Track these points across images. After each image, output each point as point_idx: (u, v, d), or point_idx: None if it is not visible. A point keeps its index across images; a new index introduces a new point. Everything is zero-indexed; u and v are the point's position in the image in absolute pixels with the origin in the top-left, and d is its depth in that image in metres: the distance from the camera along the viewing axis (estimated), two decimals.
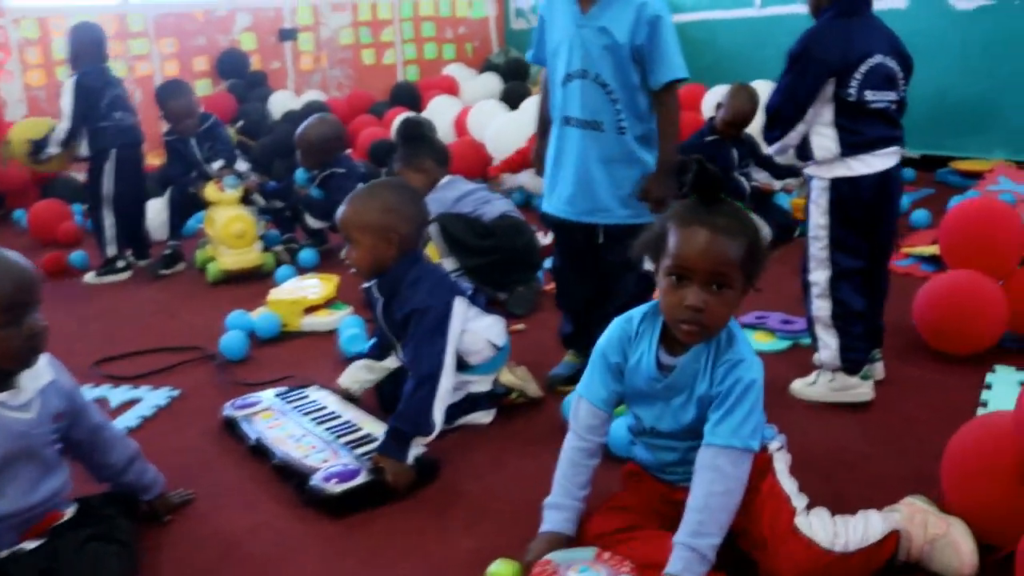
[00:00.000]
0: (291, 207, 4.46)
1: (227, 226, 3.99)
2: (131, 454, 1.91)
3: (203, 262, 4.23)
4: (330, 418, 2.35)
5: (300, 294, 3.33)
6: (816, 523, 1.61)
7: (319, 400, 2.47)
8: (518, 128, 4.91)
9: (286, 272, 3.91)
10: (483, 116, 5.50)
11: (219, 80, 7.33)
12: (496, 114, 5.44)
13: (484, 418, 2.40)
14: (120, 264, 4.25)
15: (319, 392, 2.53)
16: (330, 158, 4.28)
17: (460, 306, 2.27)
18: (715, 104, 4.34)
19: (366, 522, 1.94)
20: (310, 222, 4.36)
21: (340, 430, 2.27)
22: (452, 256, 3.33)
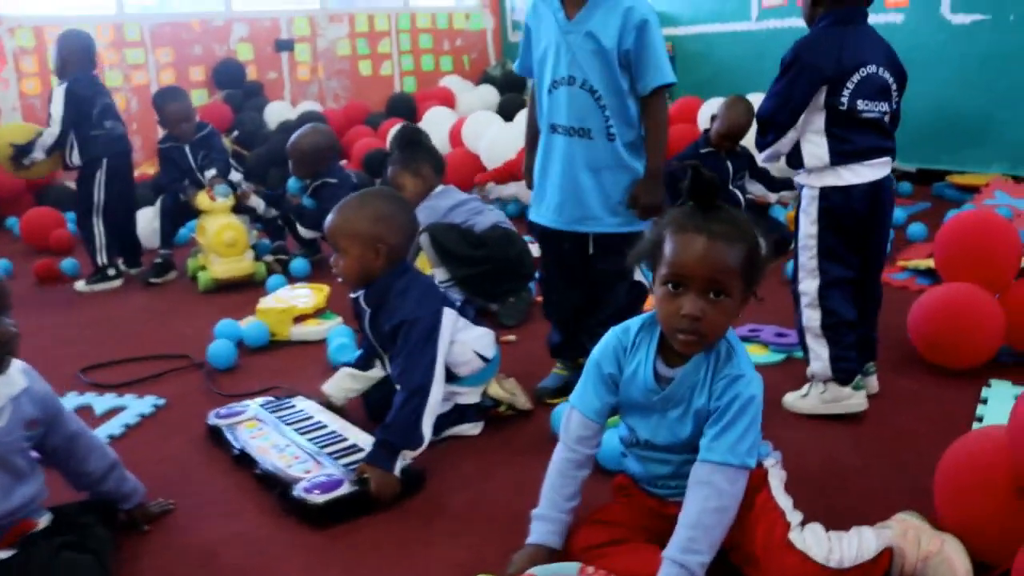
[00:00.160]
0: (283, 216, 4.44)
1: (218, 235, 3.97)
2: (110, 462, 1.87)
3: (194, 271, 4.21)
4: (315, 428, 2.31)
5: (289, 303, 3.30)
6: (810, 538, 1.57)
7: (305, 410, 2.44)
8: (513, 139, 4.88)
9: (277, 281, 3.88)
10: (478, 127, 5.48)
11: (215, 90, 7.32)
12: (491, 125, 5.42)
13: (472, 430, 2.37)
14: (111, 272, 4.22)
15: (305, 402, 2.49)
16: (323, 168, 4.25)
17: (449, 317, 2.24)
18: (710, 116, 4.33)
19: (350, 532, 1.91)
20: (302, 232, 4.34)
21: (325, 440, 2.23)
22: (443, 266, 3.31)
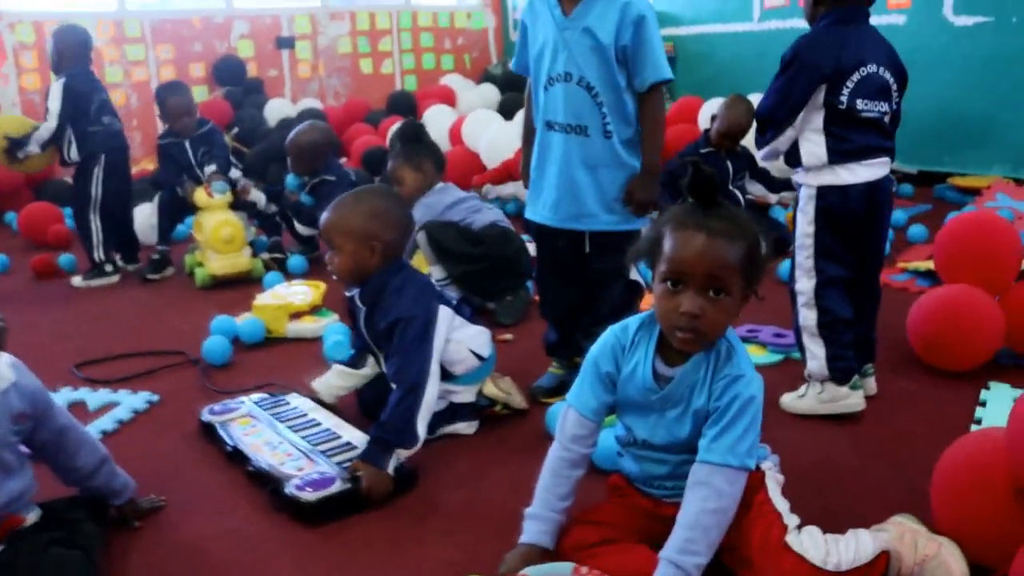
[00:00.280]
0: (281, 212, 4.43)
1: (215, 231, 3.95)
2: (99, 458, 1.85)
3: (191, 267, 4.19)
4: (309, 425, 2.30)
5: (286, 300, 3.29)
6: (807, 541, 1.55)
7: (299, 407, 2.42)
8: (512, 138, 4.86)
9: (274, 278, 3.87)
10: (478, 126, 5.46)
11: (215, 87, 7.31)
12: (491, 124, 5.41)
13: (466, 429, 2.35)
14: (108, 268, 4.21)
15: (299, 399, 2.48)
16: (321, 165, 4.24)
17: (445, 314, 2.22)
18: (710, 116, 4.31)
19: (341, 530, 1.89)
20: (299, 229, 4.33)
21: (318, 438, 2.22)
22: (440, 264, 3.29)
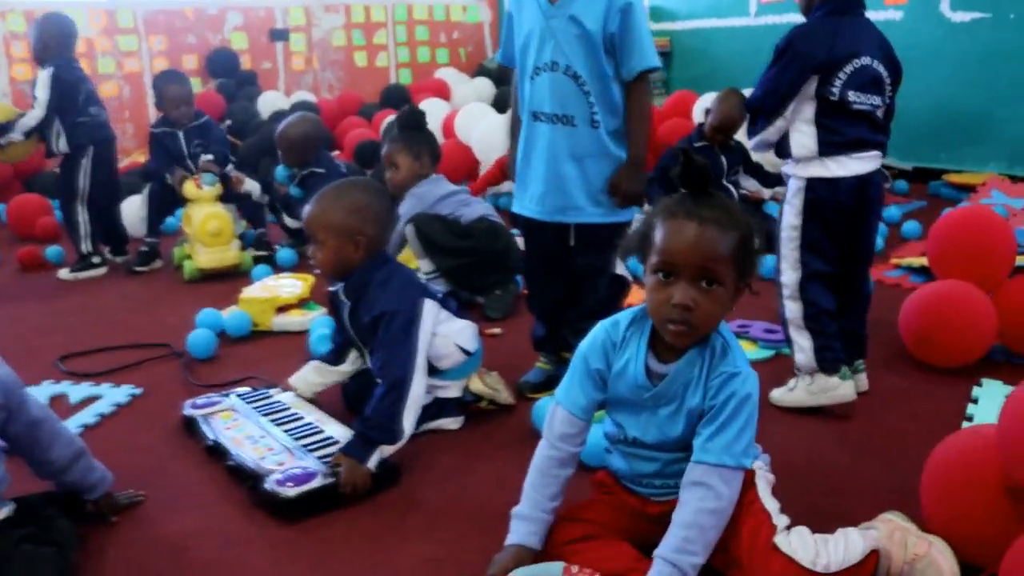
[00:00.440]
0: (271, 204, 4.40)
1: (203, 224, 3.91)
2: (75, 451, 1.81)
3: (180, 260, 4.15)
4: (291, 419, 2.26)
5: (273, 293, 3.25)
6: (796, 542, 1.52)
7: (282, 401, 2.39)
8: (505, 131, 4.83)
9: (263, 271, 3.84)
10: (471, 119, 5.42)
11: (208, 79, 7.26)
12: (484, 117, 5.37)
13: (452, 424, 2.32)
14: (95, 260, 4.17)
15: (283, 393, 2.44)
16: (311, 157, 4.20)
17: (430, 308, 2.19)
18: (704, 109, 4.28)
19: (321, 526, 1.86)
20: (287, 222, 4.30)
21: (300, 432, 2.18)
22: (428, 258, 3.26)
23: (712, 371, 1.55)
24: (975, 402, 2.39)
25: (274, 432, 2.18)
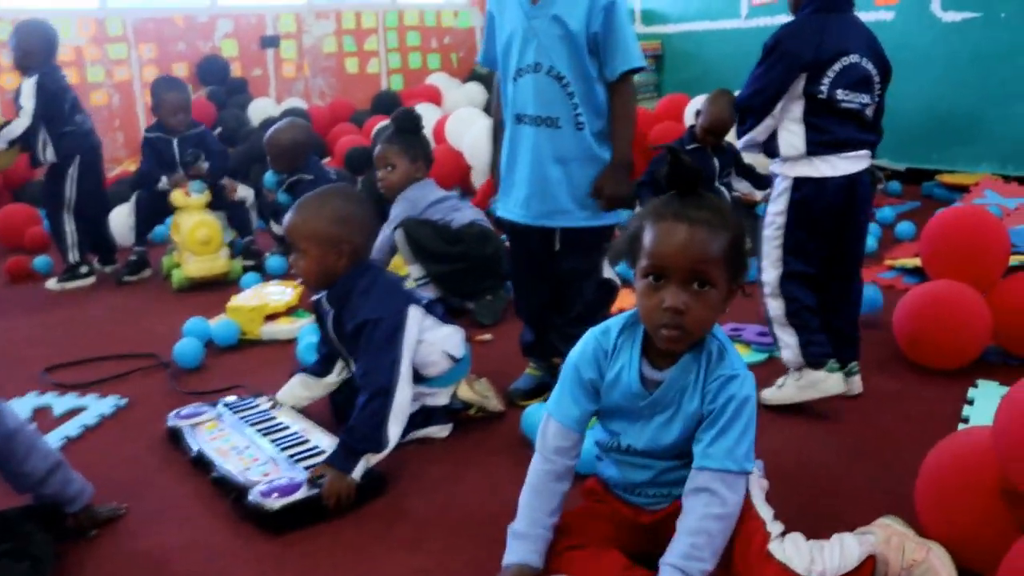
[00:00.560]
0: (260, 211, 4.37)
1: (192, 232, 3.87)
2: (52, 463, 1.77)
3: (169, 269, 4.11)
4: (277, 429, 2.23)
5: (262, 301, 3.22)
6: (791, 549, 1.49)
7: (268, 410, 2.35)
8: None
9: (252, 279, 3.81)
10: (461, 124, 5.39)
11: (199, 86, 7.22)
12: (475, 122, 5.34)
13: (440, 433, 2.28)
14: (83, 270, 4.13)
15: (269, 402, 2.40)
16: (300, 163, 4.15)
17: (415, 315, 2.16)
18: (695, 112, 4.26)
19: (307, 538, 1.83)
20: (275, 229, 4.25)
21: (286, 442, 2.15)
22: (418, 263, 3.23)
23: (709, 375, 1.52)
24: (971, 403, 2.36)
25: (259, 442, 2.15)
